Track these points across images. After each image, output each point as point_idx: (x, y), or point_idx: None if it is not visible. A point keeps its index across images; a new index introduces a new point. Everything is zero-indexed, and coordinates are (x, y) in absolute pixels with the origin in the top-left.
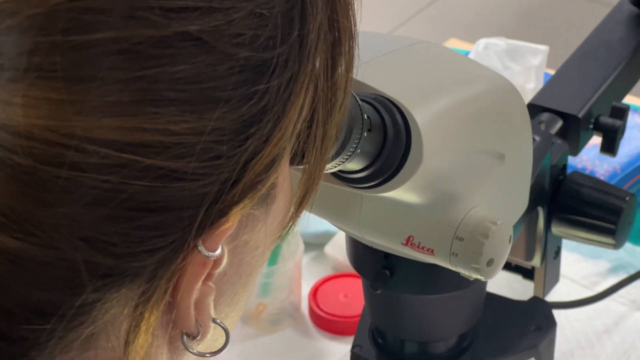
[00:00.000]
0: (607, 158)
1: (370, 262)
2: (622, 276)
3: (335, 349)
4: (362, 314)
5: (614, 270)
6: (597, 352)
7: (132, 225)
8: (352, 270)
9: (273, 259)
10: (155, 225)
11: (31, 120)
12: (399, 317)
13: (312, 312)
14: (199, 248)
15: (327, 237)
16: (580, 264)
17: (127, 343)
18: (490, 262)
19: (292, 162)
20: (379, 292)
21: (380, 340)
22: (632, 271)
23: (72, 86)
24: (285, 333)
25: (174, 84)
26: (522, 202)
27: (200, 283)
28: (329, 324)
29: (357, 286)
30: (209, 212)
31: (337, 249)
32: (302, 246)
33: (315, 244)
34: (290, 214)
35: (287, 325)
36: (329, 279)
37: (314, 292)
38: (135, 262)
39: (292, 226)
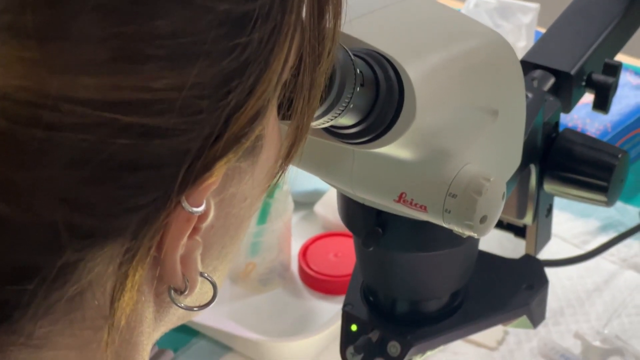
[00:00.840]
0: (598, 116)
1: (362, 219)
2: (612, 235)
3: (325, 308)
4: (354, 272)
5: (604, 228)
6: (588, 310)
7: (112, 185)
8: (342, 230)
9: (262, 218)
10: (137, 183)
11: (4, 80)
12: (391, 275)
13: (301, 272)
14: (183, 204)
15: (316, 195)
16: (571, 222)
17: (112, 301)
18: (483, 219)
19: (279, 113)
20: (371, 250)
21: (371, 299)
22: (623, 230)
23: (46, 45)
24: (274, 293)
25: (152, 40)
26: (515, 158)
27: (185, 239)
28: (318, 284)
29: (347, 245)
30: (191, 168)
31: (327, 208)
32: (291, 205)
33: (305, 203)
34: (278, 164)
35: (277, 284)
36: (319, 238)
37: (304, 252)
38: (117, 222)
39: (281, 177)
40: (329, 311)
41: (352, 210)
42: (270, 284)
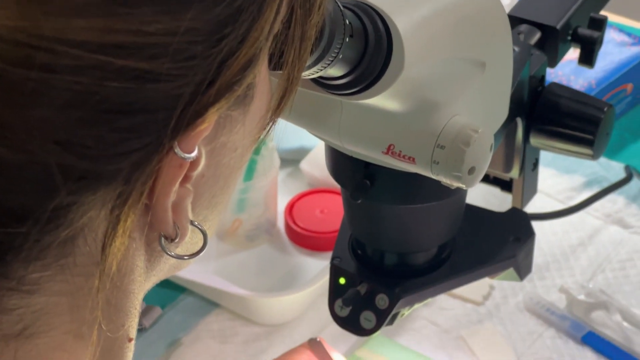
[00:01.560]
0: (582, 73)
1: (350, 172)
2: (596, 190)
3: (312, 264)
4: (341, 226)
5: (588, 184)
6: (572, 265)
7: (106, 128)
8: (328, 186)
9: (249, 175)
10: (130, 127)
11: None
12: (379, 228)
13: (288, 228)
14: (175, 150)
15: (302, 153)
16: (556, 178)
17: (104, 246)
18: (471, 170)
19: (270, 64)
20: (359, 202)
21: (359, 252)
22: (607, 185)
23: None
24: (261, 249)
25: None
26: (502, 111)
27: (177, 185)
28: (305, 240)
29: (332, 202)
30: (184, 114)
31: (313, 165)
32: (277, 162)
33: (291, 159)
34: (269, 115)
35: (263, 241)
36: (305, 194)
37: (290, 208)
38: (110, 165)
39: (272, 128)
40: (316, 267)
41: (340, 163)
42: (256, 240)
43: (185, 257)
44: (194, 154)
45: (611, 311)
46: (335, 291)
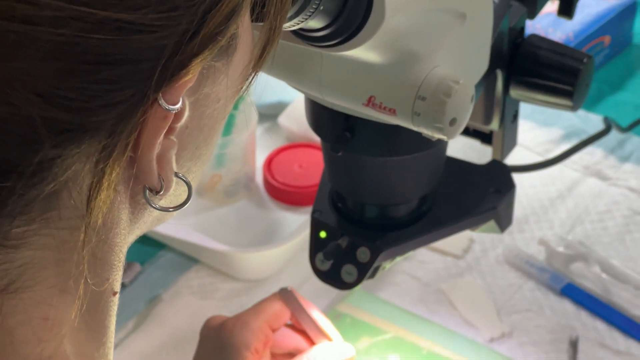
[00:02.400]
0: (560, 25)
1: (330, 124)
2: (575, 143)
3: (291, 219)
4: (322, 179)
5: (567, 137)
6: (551, 217)
7: (89, 79)
8: (306, 141)
9: (227, 130)
10: (114, 78)
11: None
12: (360, 181)
13: (266, 183)
14: (159, 101)
15: (280, 107)
16: (534, 131)
17: (89, 199)
18: (452, 122)
19: (252, 15)
20: (339, 154)
21: (340, 205)
22: (585, 138)
23: None
24: (240, 204)
25: None
26: (482, 62)
27: (161, 137)
28: (283, 195)
29: (311, 156)
30: (168, 65)
31: (291, 120)
32: (255, 117)
33: (269, 114)
34: (251, 66)
35: (242, 196)
36: (283, 149)
37: (269, 163)
38: (94, 117)
39: (254, 78)
40: (295, 222)
41: (320, 115)
42: (235, 196)
43: (170, 209)
44: (178, 106)
45: (590, 263)
46: (315, 245)
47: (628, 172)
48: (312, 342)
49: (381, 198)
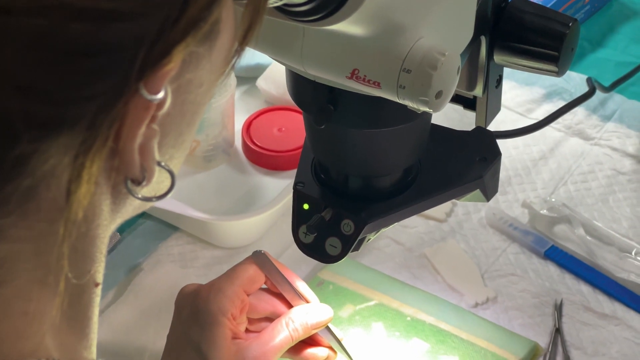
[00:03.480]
0: None
1: (313, 96)
2: (556, 102)
3: (271, 184)
4: (303, 149)
5: (548, 96)
6: (534, 179)
7: (68, 70)
8: (286, 104)
9: None
10: (94, 69)
11: None
12: (344, 153)
13: (246, 148)
14: (141, 91)
15: (259, 70)
16: (515, 91)
17: (68, 194)
18: (439, 94)
19: None
20: (322, 127)
21: (323, 176)
22: (567, 97)
23: None
24: (219, 170)
25: None
26: (468, 31)
27: (143, 128)
28: (263, 159)
29: (291, 119)
30: (150, 53)
31: (270, 82)
32: (234, 80)
33: (247, 77)
34: (234, 48)
35: (221, 161)
36: (262, 112)
37: (247, 127)
38: (73, 110)
39: (237, 61)
40: (275, 187)
41: (302, 87)
42: (214, 161)
43: (153, 199)
44: (160, 95)
45: (574, 225)
46: (299, 218)
47: (611, 132)
48: (289, 305)
49: (365, 170)
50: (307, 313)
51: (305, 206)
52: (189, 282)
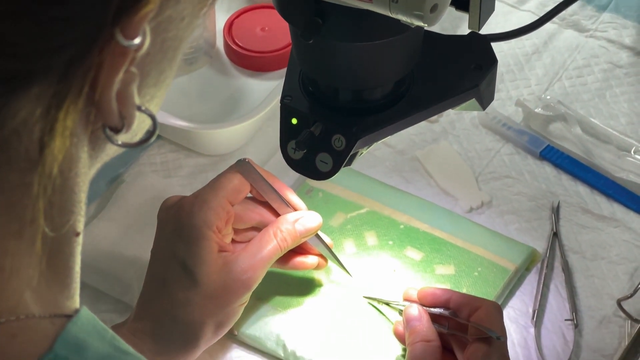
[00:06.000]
0: None
1: (300, 9)
2: None
3: (256, 86)
4: (290, 60)
5: None
6: (528, 75)
7: (36, 20)
8: (269, 2)
9: None
10: (63, 16)
11: None
12: (332, 66)
13: (228, 49)
14: (117, 37)
15: None
16: None
17: (42, 147)
18: (434, 8)
19: None
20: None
21: (312, 89)
22: None
23: None
24: (201, 72)
25: None
26: None
27: (121, 74)
28: (246, 60)
29: (275, 18)
30: None
31: None
32: None
33: None
34: None
35: (203, 63)
36: (245, 11)
37: (229, 27)
38: (42, 61)
39: None
40: (259, 89)
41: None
42: (196, 64)
43: (134, 145)
44: (138, 40)
45: (570, 123)
46: (287, 133)
47: (607, 23)
48: (276, 214)
49: (356, 83)
50: (295, 221)
51: (294, 121)
52: (173, 193)
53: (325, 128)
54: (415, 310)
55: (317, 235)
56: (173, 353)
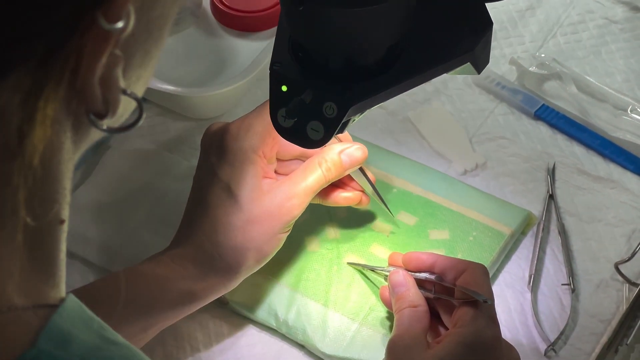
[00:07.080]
0: None
1: None
2: None
3: (244, 47)
4: (279, 25)
5: None
6: (521, 32)
7: (11, 7)
8: None
9: None
10: (38, 1)
11: None
12: (323, 33)
13: (215, 8)
14: (99, 21)
15: None
16: None
17: (21, 136)
18: None
19: None
20: (300, 8)
21: (301, 55)
22: None
23: None
24: (187, 33)
25: None
26: None
27: (104, 59)
28: (234, 20)
29: None
30: None
31: None
32: None
33: None
34: None
35: (189, 24)
36: None
37: None
38: (19, 49)
39: None
40: (247, 49)
41: None
42: (181, 24)
43: (120, 130)
44: (121, 23)
45: (565, 81)
46: (276, 100)
47: None
48: None
49: (347, 50)
50: (341, 151)
51: (284, 88)
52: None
53: (316, 95)
54: (400, 276)
55: (362, 169)
56: (214, 279)
